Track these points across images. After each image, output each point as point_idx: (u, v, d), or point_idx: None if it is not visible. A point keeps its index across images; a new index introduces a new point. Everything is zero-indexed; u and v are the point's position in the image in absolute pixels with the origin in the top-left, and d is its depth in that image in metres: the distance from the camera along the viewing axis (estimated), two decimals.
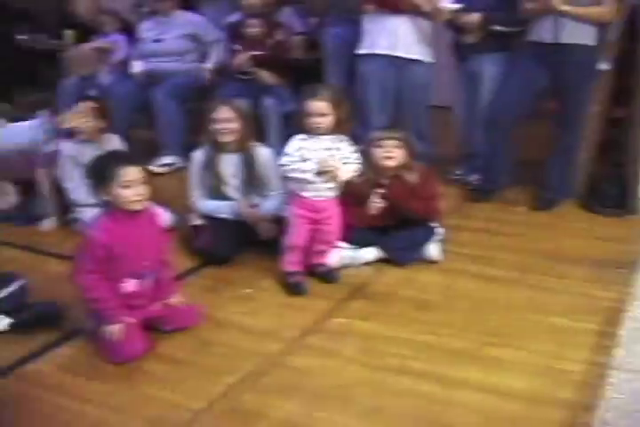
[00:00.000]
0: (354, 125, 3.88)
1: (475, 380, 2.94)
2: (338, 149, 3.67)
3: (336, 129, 3.67)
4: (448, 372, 3.00)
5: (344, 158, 3.66)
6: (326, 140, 3.66)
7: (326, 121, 3.62)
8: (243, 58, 5.60)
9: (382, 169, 3.96)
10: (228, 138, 4.09)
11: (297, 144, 3.67)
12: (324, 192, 3.70)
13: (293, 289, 3.75)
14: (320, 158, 3.60)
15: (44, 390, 2.97)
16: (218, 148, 4.13)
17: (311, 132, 3.65)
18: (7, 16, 8.16)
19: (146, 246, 3.18)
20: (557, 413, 2.74)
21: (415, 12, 4.79)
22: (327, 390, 2.90)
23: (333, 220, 3.78)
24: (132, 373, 3.06)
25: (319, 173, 3.61)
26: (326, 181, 3.64)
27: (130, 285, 3.17)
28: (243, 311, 3.55)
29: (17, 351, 3.23)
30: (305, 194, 3.70)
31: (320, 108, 3.60)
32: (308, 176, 3.62)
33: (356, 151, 3.72)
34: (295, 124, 3.80)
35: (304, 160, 3.61)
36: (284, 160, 3.67)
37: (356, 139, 3.81)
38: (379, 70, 4.95)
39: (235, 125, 4.08)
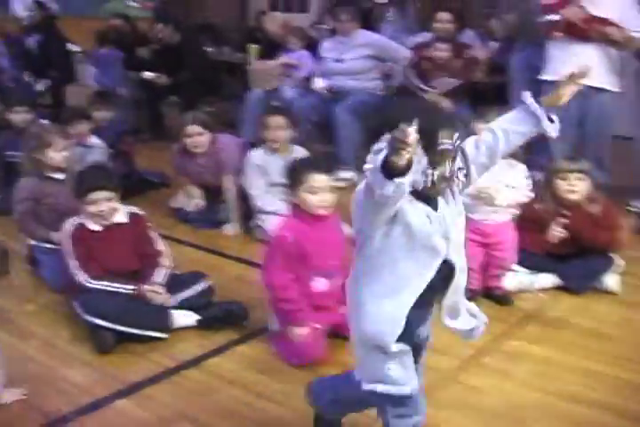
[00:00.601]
0: (534, 152, 3.88)
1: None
2: (507, 173, 3.70)
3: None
4: (626, 405, 2.96)
5: (511, 184, 3.69)
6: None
7: None
8: (434, 99, 5.68)
9: (565, 200, 3.95)
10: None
11: None
12: (490, 215, 3.74)
13: None
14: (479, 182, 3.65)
15: (226, 383, 3.14)
16: None
17: None
18: (193, 28, 8.57)
19: (330, 247, 3.31)
20: None
21: (604, 40, 4.75)
22: (501, 409, 2.92)
23: (505, 245, 3.80)
24: (312, 376, 3.15)
25: (476, 197, 3.65)
26: (483, 205, 3.69)
27: (320, 283, 3.31)
28: None
29: (203, 346, 3.43)
30: (472, 216, 3.74)
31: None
32: (466, 199, 3.68)
33: (527, 178, 3.75)
34: None
35: None
36: None
37: (536, 166, 3.81)
38: None
39: None
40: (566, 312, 3.78)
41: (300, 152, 4.71)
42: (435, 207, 2.09)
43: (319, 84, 6.17)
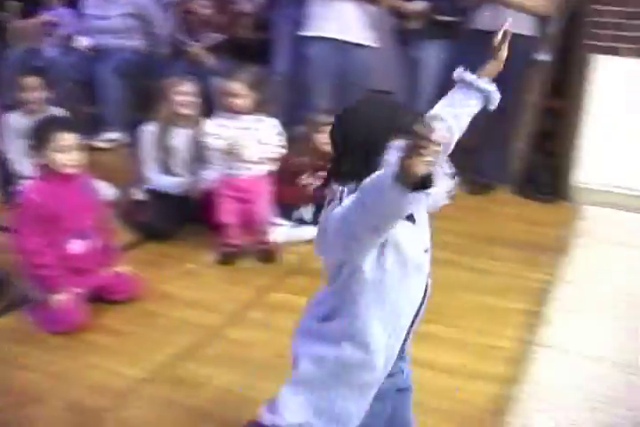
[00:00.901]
0: (297, 107, 3.94)
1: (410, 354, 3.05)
2: (257, 129, 3.78)
3: (256, 109, 3.77)
4: None
5: (262, 140, 3.78)
6: (245, 121, 3.75)
7: (242, 102, 3.72)
8: (197, 52, 5.67)
9: (323, 153, 4.03)
10: (187, 110, 4.13)
11: (215, 123, 3.78)
12: (244, 170, 3.80)
13: (222, 260, 3.87)
14: (229, 137, 3.71)
15: None
16: (171, 122, 4.16)
17: (229, 111, 3.76)
18: None
19: (82, 208, 3.25)
20: (487, 386, 2.87)
21: None
22: (267, 360, 2.97)
23: (259, 199, 3.88)
24: (74, 342, 3.10)
25: (228, 152, 3.71)
26: (234, 160, 3.76)
27: (75, 245, 3.23)
28: (185, 285, 3.62)
29: None
30: (228, 172, 3.79)
31: (235, 88, 3.71)
32: (218, 154, 3.73)
33: (279, 133, 3.86)
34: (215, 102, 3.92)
35: (221, 139, 3.73)
36: (205, 138, 3.79)
37: (298, 120, 3.88)
38: (324, 53, 4.98)
39: (195, 100, 4.15)
40: None
41: (58, 113, 4.54)
42: (412, 218, 1.78)
43: (82, 42, 5.96)
